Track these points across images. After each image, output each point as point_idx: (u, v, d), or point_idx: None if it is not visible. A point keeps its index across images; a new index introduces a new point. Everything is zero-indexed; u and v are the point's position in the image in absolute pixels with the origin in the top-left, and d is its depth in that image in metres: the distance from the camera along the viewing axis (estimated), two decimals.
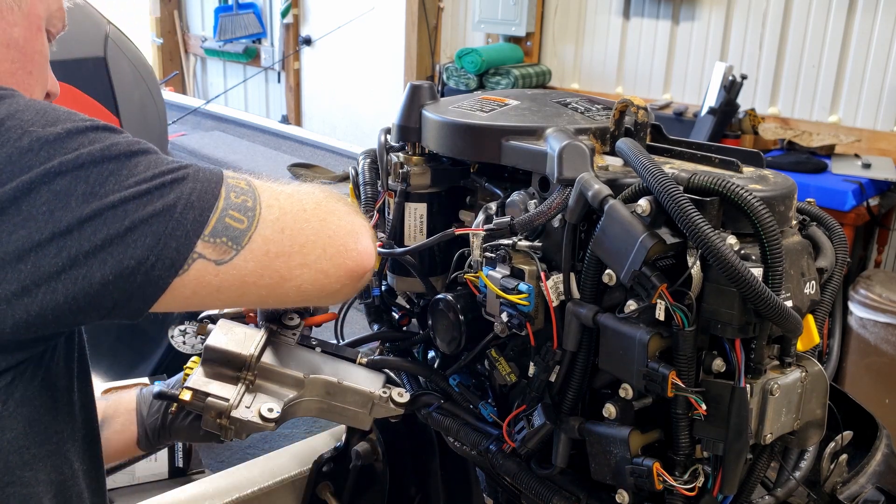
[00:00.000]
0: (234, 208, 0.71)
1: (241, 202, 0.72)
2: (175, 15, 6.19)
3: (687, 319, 0.71)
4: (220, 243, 0.69)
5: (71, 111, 0.70)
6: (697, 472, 0.76)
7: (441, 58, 4.41)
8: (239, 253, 0.70)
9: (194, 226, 0.68)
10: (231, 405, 0.87)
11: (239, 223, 0.71)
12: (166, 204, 0.67)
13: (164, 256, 0.67)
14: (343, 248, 0.76)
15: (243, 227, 0.71)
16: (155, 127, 2.21)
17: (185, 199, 0.68)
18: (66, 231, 0.64)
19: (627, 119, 0.87)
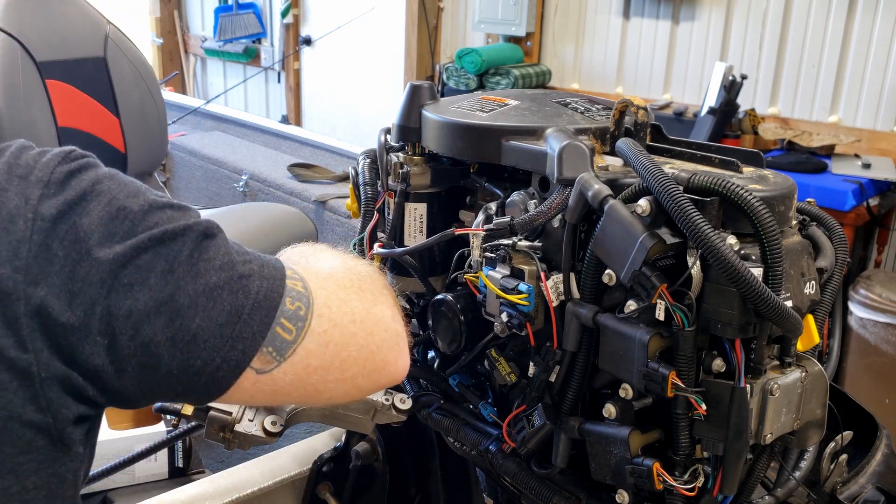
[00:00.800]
0: (288, 317, 0.66)
1: (294, 309, 0.67)
2: (175, 15, 6.19)
3: (687, 319, 0.71)
4: (266, 353, 0.65)
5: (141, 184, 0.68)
6: (697, 472, 0.76)
7: (441, 58, 4.41)
8: (280, 365, 0.66)
9: (260, 328, 0.65)
10: (234, 419, 0.89)
11: (287, 333, 0.66)
12: (235, 305, 0.64)
13: (231, 359, 0.64)
14: (382, 364, 0.73)
15: (290, 339, 0.66)
16: (155, 127, 2.21)
17: (252, 300, 0.64)
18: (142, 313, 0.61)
19: (627, 119, 0.87)
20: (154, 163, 2.33)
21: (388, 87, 4.75)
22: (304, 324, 0.67)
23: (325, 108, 5.34)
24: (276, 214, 2.21)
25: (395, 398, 0.97)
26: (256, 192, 3.67)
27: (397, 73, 4.57)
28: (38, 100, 1.91)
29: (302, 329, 0.67)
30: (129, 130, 2.11)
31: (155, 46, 6.15)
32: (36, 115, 1.91)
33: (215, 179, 3.93)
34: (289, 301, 0.67)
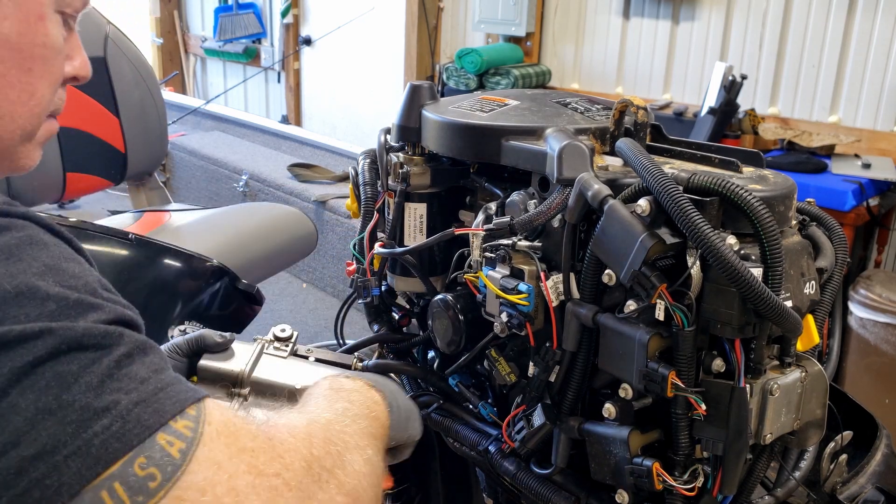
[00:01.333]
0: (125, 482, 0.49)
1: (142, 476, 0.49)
2: (175, 15, 6.19)
3: (686, 319, 0.71)
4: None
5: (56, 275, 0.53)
6: (697, 472, 0.76)
7: (441, 58, 4.41)
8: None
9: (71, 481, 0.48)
10: None
11: None
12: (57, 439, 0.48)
13: None
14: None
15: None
16: (155, 127, 2.21)
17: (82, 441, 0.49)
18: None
19: (627, 119, 0.87)
20: (154, 163, 2.33)
21: (388, 87, 4.75)
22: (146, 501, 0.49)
23: (325, 108, 5.34)
24: (276, 214, 2.21)
25: None
26: (256, 192, 3.67)
27: (397, 73, 4.58)
28: None
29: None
30: (129, 130, 2.11)
31: (155, 46, 6.15)
32: None
33: (215, 179, 3.93)
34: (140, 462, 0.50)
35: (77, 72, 0.74)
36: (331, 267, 3.42)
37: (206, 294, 1.50)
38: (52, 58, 0.69)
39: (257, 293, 1.59)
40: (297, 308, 3.36)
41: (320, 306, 3.37)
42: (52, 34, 0.68)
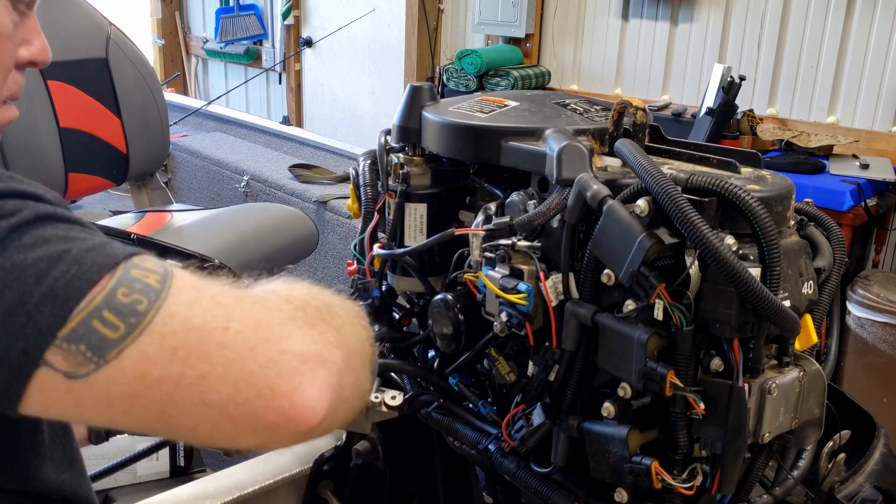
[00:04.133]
0: (113, 308, 0.52)
1: (128, 303, 0.53)
2: (176, 16, 6.19)
3: (685, 319, 0.72)
4: (76, 352, 0.52)
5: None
6: (696, 470, 0.77)
7: (441, 59, 4.41)
8: (99, 369, 0.52)
9: (50, 322, 0.51)
10: None
11: (111, 329, 0.52)
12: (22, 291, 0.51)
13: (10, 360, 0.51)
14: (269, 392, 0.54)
15: (113, 337, 0.52)
16: (156, 128, 2.22)
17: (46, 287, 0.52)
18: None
19: (626, 120, 0.88)
20: (156, 163, 2.34)
21: (388, 89, 4.75)
22: (139, 319, 0.53)
23: (326, 109, 5.35)
24: (278, 215, 2.22)
25: (385, 396, 0.98)
26: (258, 193, 3.67)
27: (397, 74, 4.58)
28: (40, 101, 1.91)
29: (135, 326, 0.53)
30: (131, 131, 2.11)
31: (156, 48, 6.15)
32: (38, 115, 1.91)
33: (217, 180, 3.93)
34: (122, 291, 0.53)
35: (35, 56, 0.73)
36: (332, 267, 3.42)
37: None
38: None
39: None
40: None
41: None
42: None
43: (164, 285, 0.55)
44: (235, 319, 0.55)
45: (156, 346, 0.53)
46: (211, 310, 0.55)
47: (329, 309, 0.63)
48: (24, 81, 0.74)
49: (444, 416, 1.04)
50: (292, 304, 0.60)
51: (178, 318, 0.54)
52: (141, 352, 0.53)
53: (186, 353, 0.54)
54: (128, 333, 0.53)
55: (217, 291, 0.57)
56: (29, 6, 0.72)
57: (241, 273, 1.53)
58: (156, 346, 0.53)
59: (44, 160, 1.95)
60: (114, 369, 0.53)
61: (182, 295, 0.55)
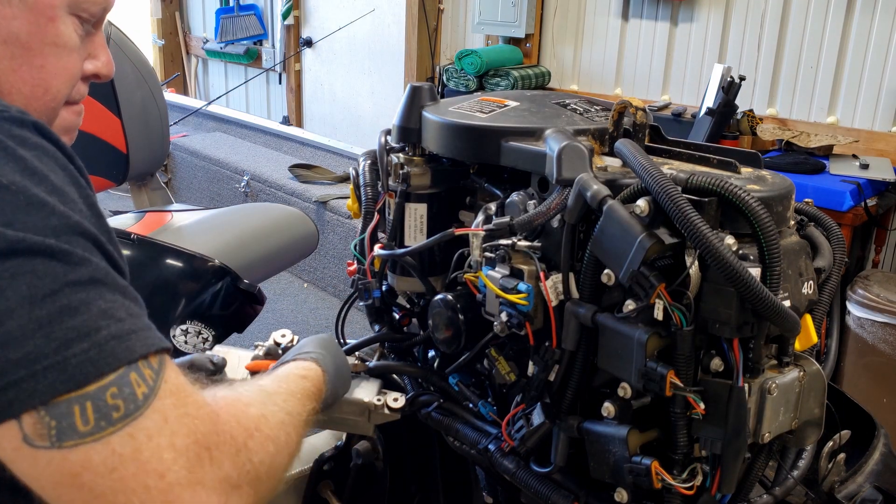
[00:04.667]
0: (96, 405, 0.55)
1: (110, 405, 0.55)
2: (176, 16, 6.19)
3: (685, 319, 0.72)
4: (45, 424, 0.54)
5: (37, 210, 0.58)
6: (696, 470, 0.77)
7: (441, 59, 4.41)
8: (50, 449, 0.54)
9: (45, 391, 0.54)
10: None
11: (83, 422, 0.54)
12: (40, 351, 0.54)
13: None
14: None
15: (81, 430, 0.54)
16: (156, 128, 2.22)
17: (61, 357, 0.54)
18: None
19: (626, 120, 0.88)
20: (156, 163, 2.33)
21: (388, 89, 4.75)
22: (106, 426, 0.55)
23: (326, 109, 5.35)
24: (278, 215, 2.22)
25: (387, 398, 0.98)
26: (258, 193, 3.67)
27: (397, 74, 4.58)
28: None
29: (101, 430, 0.55)
30: (131, 131, 2.11)
31: (156, 48, 6.15)
32: None
33: (217, 180, 3.93)
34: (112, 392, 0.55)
35: (99, 70, 0.79)
36: (332, 267, 3.42)
37: (207, 294, 1.50)
38: (65, 56, 0.73)
39: (258, 293, 1.59)
40: (298, 308, 3.36)
41: (321, 306, 3.37)
42: (63, 34, 0.72)
43: (146, 401, 0.57)
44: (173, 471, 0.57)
45: (102, 458, 0.55)
46: (161, 451, 0.57)
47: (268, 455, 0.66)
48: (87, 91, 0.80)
49: (444, 417, 1.04)
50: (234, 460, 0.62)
51: (134, 443, 0.56)
52: (88, 456, 0.55)
53: (118, 479, 0.55)
54: (92, 433, 0.55)
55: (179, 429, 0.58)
56: (95, 26, 0.78)
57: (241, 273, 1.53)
58: (102, 458, 0.55)
59: None
60: (59, 457, 0.55)
61: (150, 421, 0.57)
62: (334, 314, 1.15)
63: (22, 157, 0.59)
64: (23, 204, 0.57)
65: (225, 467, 0.60)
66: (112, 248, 0.62)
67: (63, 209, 0.58)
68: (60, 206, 0.58)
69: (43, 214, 0.57)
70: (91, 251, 0.59)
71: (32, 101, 0.70)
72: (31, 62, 0.70)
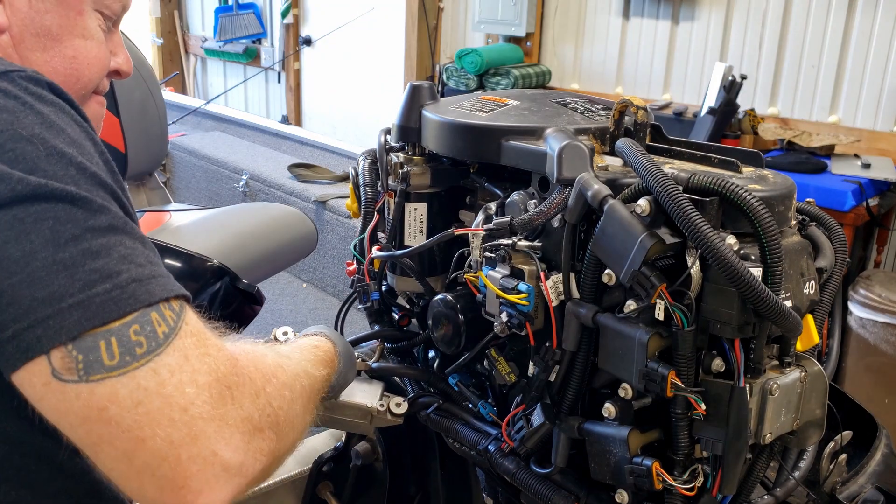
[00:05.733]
0: (121, 340, 0.57)
1: (133, 341, 0.57)
2: (175, 15, 6.19)
3: (686, 319, 0.71)
4: (72, 359, 0.56)
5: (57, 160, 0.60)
6: (697, 471, 0.76)
7: (441, 58, 4.41)
8: (78, 384, 0.56)
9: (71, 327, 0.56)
10: None
11: (108, 357, 0.57)
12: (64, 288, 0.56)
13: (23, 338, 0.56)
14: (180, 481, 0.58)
15: (107, 364, 0.57)
16: (155, 127, 2.21)
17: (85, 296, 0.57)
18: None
19: (627, 119, 0.87)
20: (154, 163, 2.33)
21: (388, 88, 4.75)
22: (132, 361, 0.57)
23: (325, 108, 5.35)
24: (277, 214, 2.21)
25: (390, 402, 0.98)
26: (256, 192, 3.67)
27: (397, 73, 4.58)
28: None
29: (126, 365, 0.57)
30: (130, 130, 2.11)
31: (155, 46, 6.15)
32: None
33: (215, 179, 3.93)
34: (135, 329, 0.58)
35: (120, 66, 0.84)
36: (331, 267, 3.42)
37: (206, 294, 1.50)
38: (93, 47, 0.78)
39: (257, 293, 1.59)
40: (298, 308, 3.36)
41: (320, 306, 3.37)
42: (90, 27, 0.78)
43: (167, 339, 0.59)
44: (196, 405, 0.59)
45: (128, 391, 0.57)
46: (184, 385, 0.59)
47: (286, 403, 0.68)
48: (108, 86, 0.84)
49: (443, 417, 1.03)
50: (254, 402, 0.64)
51: (158, 378, 0.58)
52: (115, 390, 0.57)
53: (144, 412, 0.57)
54: (117, 367, 0.57)
55: (200, 367, 0.61)
56: (115, 24, 0.82)
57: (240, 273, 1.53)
58: (128, 391, 0.57)
59: None
60: (87, 390, 0.57)
61: (172, 358, 0.59)
62: (333, 314, 1.15)
63: (40, 112, 0.62)
64: (43, 154, 0.59)
65: (246, 407, 0.62)
66: (127, 201, 0.64)
67: (81, 160, 0.61)
68: (79, 157, 0.61)
69: (63, 164, 0.60)
70: (109, 201, 0.62)
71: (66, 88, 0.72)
72: (62, 53, 0.75)
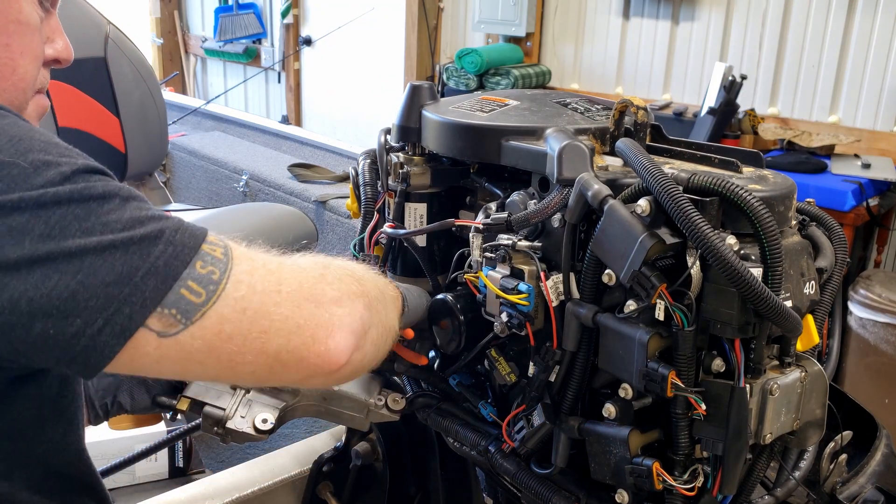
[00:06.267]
0: (196, 279, 0.63)
1: (206, 273, 0.64)
2: (175, 15, 6.19)
3: (686, 319, 0.71)
4: (168, 315, 0.62)
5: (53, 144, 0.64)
6: (697, 471, 0.76)
7: (441, 58, 4.41)
8: (186, 329, 0.63)
9: (153, 294, 0.62)
10: (227, 415, 0.89)
11: (196, 296, 0.63)
12: (130, 266, 0.61)
13: (115, 322, 0.60)
14: (310, 340, 0.68)
15: (198, 302, 0.63)
16: (155, 127, 2.21)
17: (150, 264, 0.62)
18: (12, 267, 0.58)
19: (627, 119, 0.87)
20: (154, 163, 2.33)
21: (388, 88, 4.75)
22: (216, 287, 0.64)
23: (326, 108, 5.34)
24: (277, 214, 2.21)
25: (388, 398, 0.98)
26: (257, 193, 3.67)
27: (397, 73, 4.58)
28: None
29: (213, 293, 0.64)
30: (130, 130, 2.11)
31: (155, 47, 6.15)
32: None
33: (215, 179, 3.92)
34: (200, 264, 0.64)
35: (59, 54, 0.79)
36: None
37: None
38: (28, 34, 0.74)
39: None
40: None
41: None
42: (25, 11, 0.73)
43: (228, 257, 0.67)
44: (285, 282, 0.68)
45: (230, 307, 0.65)
46: (266, 276, 0.68)
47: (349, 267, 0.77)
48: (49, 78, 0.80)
49: (444, 417, 1.03)
50: (321, 266, 0.74)
51: (244, 284, 0.66)
52: (219, 313, 0.64)
53: (253, 313, 0.66)
54: (208, 299, 0.64)
55: (265, 260, 0.70)
56: (53, 5, 0.78)
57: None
58: (230, 307, 0.65)
59: None
60: (197, 328, 0.64)
61: (243, 265, 0.67)
62: None
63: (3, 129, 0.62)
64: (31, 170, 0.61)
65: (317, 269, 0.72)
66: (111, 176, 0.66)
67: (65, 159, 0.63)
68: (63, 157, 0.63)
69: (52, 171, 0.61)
70: (105, 180, 0.64)
71: (1, 82, 0.70)
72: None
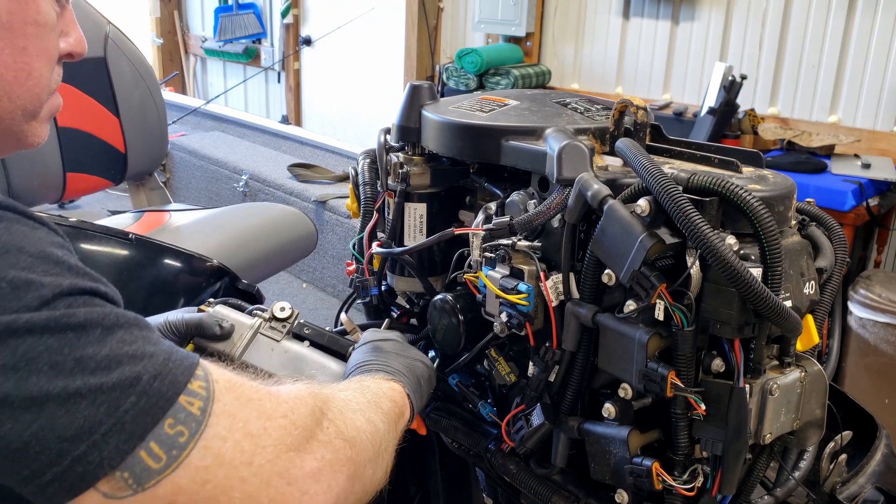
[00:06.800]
0: (160, 441, 0.56)
1: (173, 434, 0.57)
2: (175, 15, 6.19)
3: (686, 319, 0.71)
4: (120, 479, 0.55)
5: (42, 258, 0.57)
6: (697, 471, 0.76)
7: (441, 58, 4.41)
8: (135, 495, 0.56)
9: (111, 456, 0.55)
10: None
11: (155, 461, 0.56)
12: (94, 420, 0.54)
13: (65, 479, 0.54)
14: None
15: (156, 468, 0.56)
16: (155, 127, 2.21)
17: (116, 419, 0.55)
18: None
19: (627, 119, 0.87)
20: (154, 163, 2.33)
21: (388, 88, 4.75)
22: (180, 453, 0.57)
23: (325, 108, 5.34)
24: (276, 214, 2.21)
25: None
26: (256, 192, 3.67)
27: (397, 73, 4.57)
28: None
29: (176, 458, 0.57)
30: (129, 130, 2.11)
31: (155, 46, 6.15)
32: None
33: (215, 179, 3.93)
34: (169, 423, 0.57)
35: (72, 48, 0.74)
36: (331, 267, 3.42)
37: (206, 294, 1.50)
38: (45, 35, 0.69)
39: (257, 293, 1.58)
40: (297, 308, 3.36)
41: (320, 306, 3.37)
42: (43, 11, 0.68)
43: (204, 414, 0.59)
44: (260, 451, 0.60)
45: (189, 478, 0.57)
46: (241, 442, 0.60)
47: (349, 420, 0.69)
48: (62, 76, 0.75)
49: (443, 417, 1.03)
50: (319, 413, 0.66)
51: (212, 452, 0.58)
52: (175, 483, 0.57)
53: (213, 486, 0.58)
54: (168, 465, 0.57)
55: (251, 414, 0.61)
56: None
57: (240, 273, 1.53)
58: (189, 478, 0.57)
59: (42, 160, 1.95)
60: (148, 496, 0.57)
61: (220, 425, 0.59)
62: (333, 314, 1.15)
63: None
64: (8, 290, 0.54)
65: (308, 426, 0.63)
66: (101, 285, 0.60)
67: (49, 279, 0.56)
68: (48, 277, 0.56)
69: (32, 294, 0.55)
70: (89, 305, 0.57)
71: (15, 87, 0.66)
72: (13, 44, 0.66)
